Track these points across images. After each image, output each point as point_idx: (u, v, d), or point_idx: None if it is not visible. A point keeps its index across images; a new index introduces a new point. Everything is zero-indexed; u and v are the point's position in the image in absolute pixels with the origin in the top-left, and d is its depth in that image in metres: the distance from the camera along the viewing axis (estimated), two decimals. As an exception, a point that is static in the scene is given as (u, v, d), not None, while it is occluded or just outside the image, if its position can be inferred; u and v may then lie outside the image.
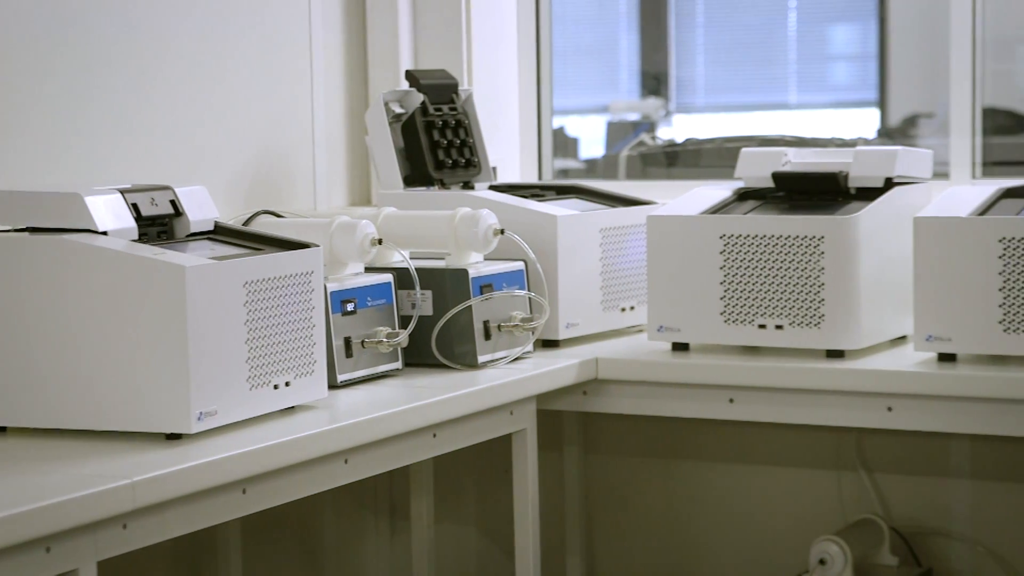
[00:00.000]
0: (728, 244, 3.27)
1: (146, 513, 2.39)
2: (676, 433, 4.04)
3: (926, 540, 3.82)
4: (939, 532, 3.82)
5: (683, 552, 4.09)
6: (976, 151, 4.05)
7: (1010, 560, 3.77)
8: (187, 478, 2.43)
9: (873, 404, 3.16)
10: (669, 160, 5.12)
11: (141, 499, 2.35)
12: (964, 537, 3.81)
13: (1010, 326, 3.06)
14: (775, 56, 6.71)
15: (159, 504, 2.40)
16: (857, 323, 3.20)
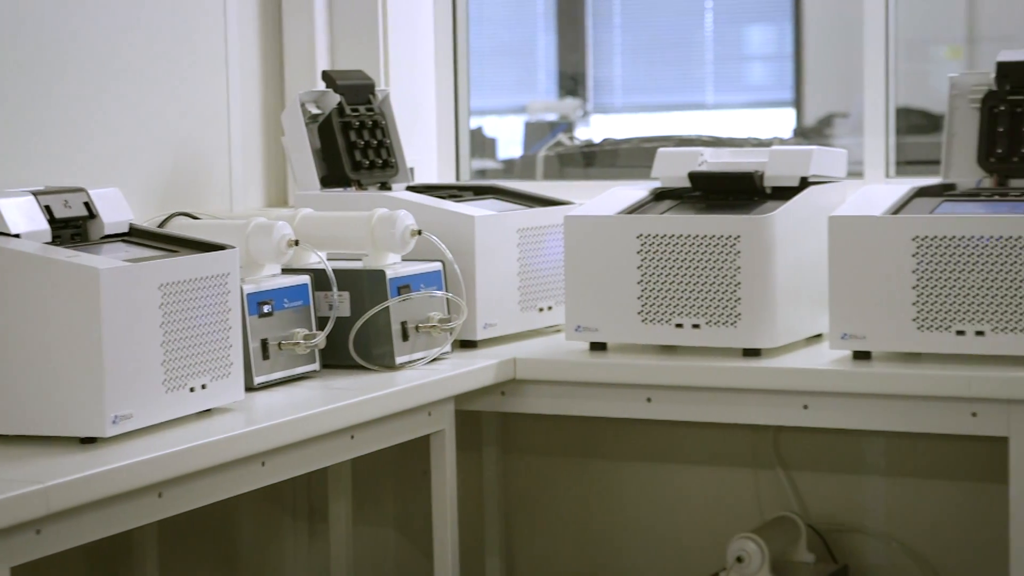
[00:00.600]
0: (645, 244, 3.28)
1: (60, 518, 2.37)
2: (594, 432, 4.05)
3: (842, 537, 3.85)
4: (855, 529, 3.85)
5: (602, 551, 4.10)
6: (890, 150, 4.08)
7: (925, 555, 3.81)
8: (101, 482, 2.41)
9: (789, 402, 3.18)
10: (586, 160, 5.14)
11: (55, 504, 2.32)
12: (879, 533, 3.84)
13: (923, 324, 3.09)
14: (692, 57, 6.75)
15: (73, 509, 2.38)
16: (773, 322, 3.22)
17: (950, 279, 3.06)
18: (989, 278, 3.04)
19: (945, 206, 3.18)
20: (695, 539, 3.97)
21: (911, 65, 5.67)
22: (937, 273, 3.07)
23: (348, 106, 3.64)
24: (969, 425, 3.07)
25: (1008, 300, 3.03)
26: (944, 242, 3.06)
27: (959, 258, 3.06)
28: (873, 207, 3.18)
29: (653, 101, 6.90)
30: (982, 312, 3.05)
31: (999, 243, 3.03)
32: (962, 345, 3.07)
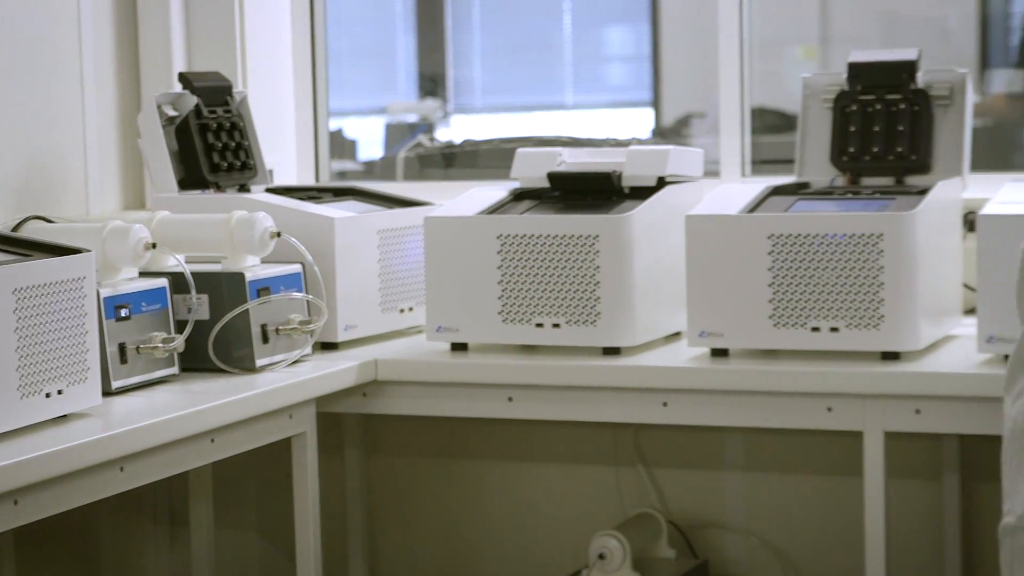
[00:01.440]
0: (505, 244, 3.29)
1: (-87, 527, 2.33)
2: (457, 433, 4.06)
3: (702, 532, 3.89)
4: (715, 524, 3.89)
5: (465, 551, 4.11)
6: (745, 150, 4.13)
7: (783, 549, 3.86)
8: (-44, 490, 2.38)
9: (649, 400, 3.21)
10: (447, 161, 5.14)
11: (-92, 513, 2.29)
12: (739, 528, 3.88)
13: (779, 321, 3.14)
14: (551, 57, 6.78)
15: (-73, 517, 2.34)
16: (632, 320, 3.25)
17: (805, 276, 3.11)
18: (843, 275, 3.09)
19: (799, 204, 3.23)
20: (558, 537, 3.99)
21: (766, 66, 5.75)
22: (792, 271, 3.12)
23: (205, 108, 3.61)
24: (825, 420, 3.11)
25: (861, 297, 3.08)
26: (799, 240, 3.11)
27: (813, 256, 3.10)
28: (729, 206, 3.22)
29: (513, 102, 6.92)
30: (836, 309, 3.10)
31: (852, 240, 3.08)
32: (817, 341, 3.12)
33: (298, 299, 3.29)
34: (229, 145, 3.64)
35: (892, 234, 3.05)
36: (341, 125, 5.48)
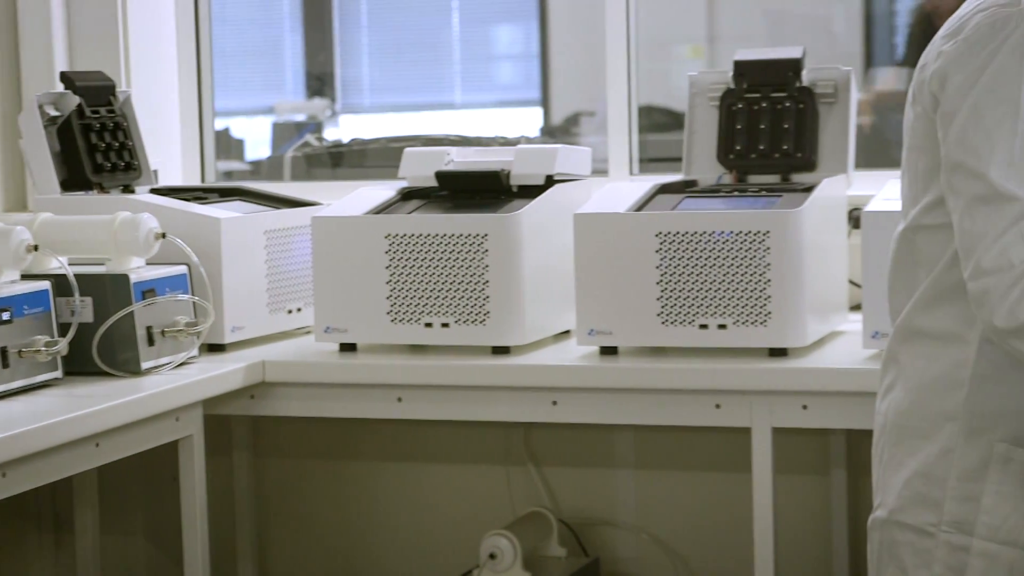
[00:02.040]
0: (393, 244, 3.28)
1: None
2: (346, 434, 4.03)
3: (593, 530, 3.90)
4: (605, 522, 3.90)
5: (356, 553, 4.09)
6: (633, 148, 4.14)
7: (673, 546, 3.87)
8: None
9: (539, 398, 3.21)
10: (334, 161, 5.12)
11: None
12: (629, 526, 3.89)
13: (667, 319, 3.14)
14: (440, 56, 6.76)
15: None
16: (521, 319, 3.24)
17: (692, 274, 3.12)
18: (730, 272, 3.10)
19: (687, 202, 3.24)
20: (449, 537, 3.99)
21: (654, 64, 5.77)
22: (680, 268, 3.13)
23: (88, 108, 3.56)
24: (713, 417, 3.13)
25: (749, 294, 3.09)
26: (686, 238, 3.12)
27: (701, 253, 3.12)
28: (617, 204, 3.22)
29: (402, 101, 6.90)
30: (724, 306, 3.11)
31: (738, 238, 3.09)
32: (705, 339, 3.13)
33: (184, 301, 3.25)
34: (112, 145, 3.59)
35: (778, 231, 3.07)
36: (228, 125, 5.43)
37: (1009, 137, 2.12)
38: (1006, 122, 2.13)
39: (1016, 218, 2.10)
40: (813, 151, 3.36)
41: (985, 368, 2.21)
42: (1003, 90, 2.14)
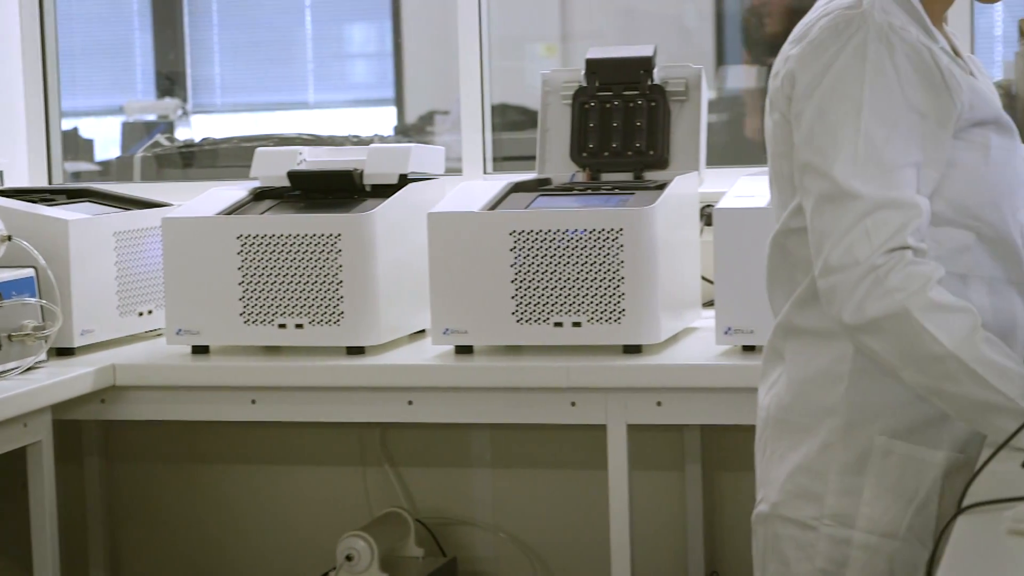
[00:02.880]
0: (245, 245, 3.24)
1: None
2: (200, 437, 3.99)
3: (450, 530, 3.89)
4: (463, 521, 3.89)
5: (212, 557, 4.04)
6: (487, 146, 4.14)
7: (530, 544, 3.88)
8: None
9: (394, 398, 3.20)
10: (185, 161, 5.05)
11: None
12: (487, 525, 3.89)
13: (522, 317, 3.15)
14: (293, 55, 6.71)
15: None
16: (376, 319, 3.23)
17: (547, 272, 3.13)
18: (584, 270, 3.11)
19: (540, 201, 3.25)
20: (305, 539, 3.96)
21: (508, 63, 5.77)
22: (534, 267, 3.13)
23: (-70, 108, 3.49)
24: (569, 414, 3.13)
25: (603, 292, 3.10)
26: (540, 236, 3.12)
27: (554, 251, 3.12)
28: (471, 203, 3.22)
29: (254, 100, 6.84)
30: (578, 304, 3.12)
31: (592, 236, 3.10)
32: (560, 336, 3.14)
33: (31, 304, 3.19)
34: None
35: (631, 229, 3.08)
36: (76, 125, 5.34)
37: (853, 136, 2.15)
38: (849, 121, 2.16)
39: (861, 215, 2.13)
40: (665, 149, 3.38)
41: (863, 362, 2.24)
42: (846, 90, 2.17)
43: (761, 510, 2.34)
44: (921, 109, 2.17)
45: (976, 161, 2.23)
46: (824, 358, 2.27)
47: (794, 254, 2.30)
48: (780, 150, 2.29)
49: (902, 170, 2.15)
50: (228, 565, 4.04)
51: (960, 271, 2.22)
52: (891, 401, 2.24)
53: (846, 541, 2.26)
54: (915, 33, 2.20)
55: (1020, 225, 2.29)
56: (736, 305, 3.03)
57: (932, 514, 2.24)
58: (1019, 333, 2.29)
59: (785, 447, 2.31)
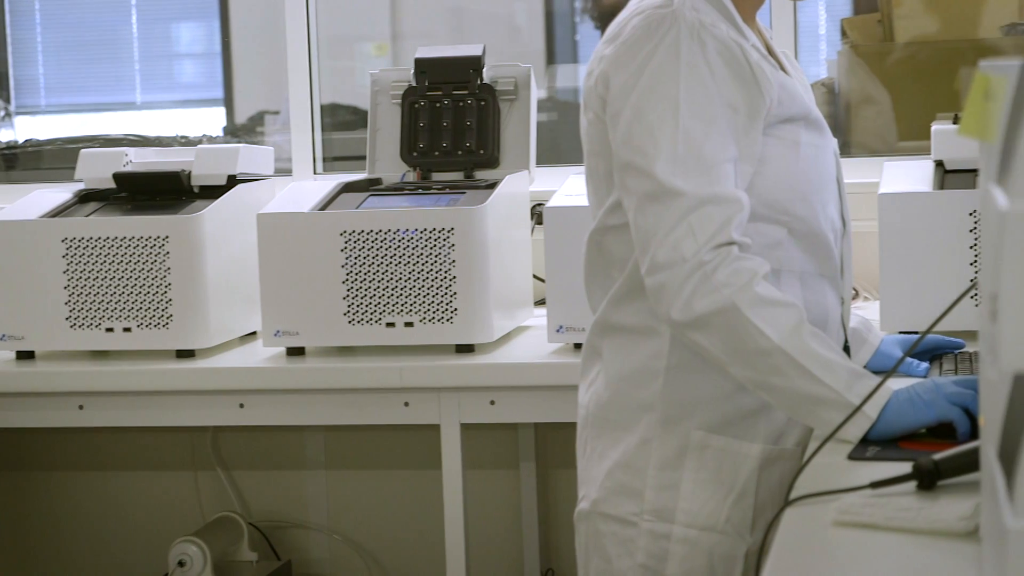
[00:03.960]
0: (70, 248, 3.20)
1: None
2: (27, 444, 3.92)
3: (285, 533, 3.87)
4: (297, 524, 3.87)
5: (41, 566, 3.98)
6: (316, 147, 4.12)
7: (365, 545, 3.87)
8: None
9: (225, 402, 3.17)
10: (8, 163, 4.96)
11: None
12: (321, 527, 3.87)
13: (354, 318, 3.13)
14: (120, 55, 6.61)
15: None
16: (206, 322, 3.20)
17: (378, 272, 3.12)
18: (416, 270, 3.11)
19: (371, 201, 3.24)
20: (138, 546, 3.91)
21: (338, 62, 5.74)
22: (366, 267, 3.12)
23: None
24: (402, 415, 3.13)
25: (435, 291, 3.10)
26: (370, 236, 3.12)
27: (386, 251, 3.12)
28: (300, 203, 3.20)
29: (80, 101, 6.74)
30: (411, 304, 3.12)
31: (423, 235, 3.10)
32: (393, 337, 3.13)
33: None
34: None
35: (462, 228, 3.09)
36: None
37: (672, 134, 2.17)
38: (668, 119, 2.17)
39: (685, 212, 2.15)
40: (495, 148, 3.39)
41: (679, 359, 2.26)
42: (662, 88, 2.19)
43: (582, 508, 2.36)
44: (734, 104, 2.20)
45: (786, 157, 2.26)
46: (640, 355, 2.29)
47: (611, 252, 2.31)
48: (595, 149, 2.31)
49: (722, 165, 2.17)
50: (60, 572, 3.97)
51: (773, 266, 2.25)
52: (707, 396, 2.27)
53: (666, 536, 2.28)
54: (725, 30, 2.23)
55: (830, 220, 2.33)
56: (567, 303, 3.05)
57: (749, 506, 2.28)
58: (831, 325, 2.34)
59: (605, 444, 2.33)
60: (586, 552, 2.37)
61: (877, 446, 2.11)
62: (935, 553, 1.68)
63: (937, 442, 2.08)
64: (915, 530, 1.74)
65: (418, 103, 3.40)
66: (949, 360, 2.57)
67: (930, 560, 1.66)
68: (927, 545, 1.70)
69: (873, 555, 1.69)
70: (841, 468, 2.03)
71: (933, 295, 2.82)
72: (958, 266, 2.87)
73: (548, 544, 3.78)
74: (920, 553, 1.68)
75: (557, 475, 3.75)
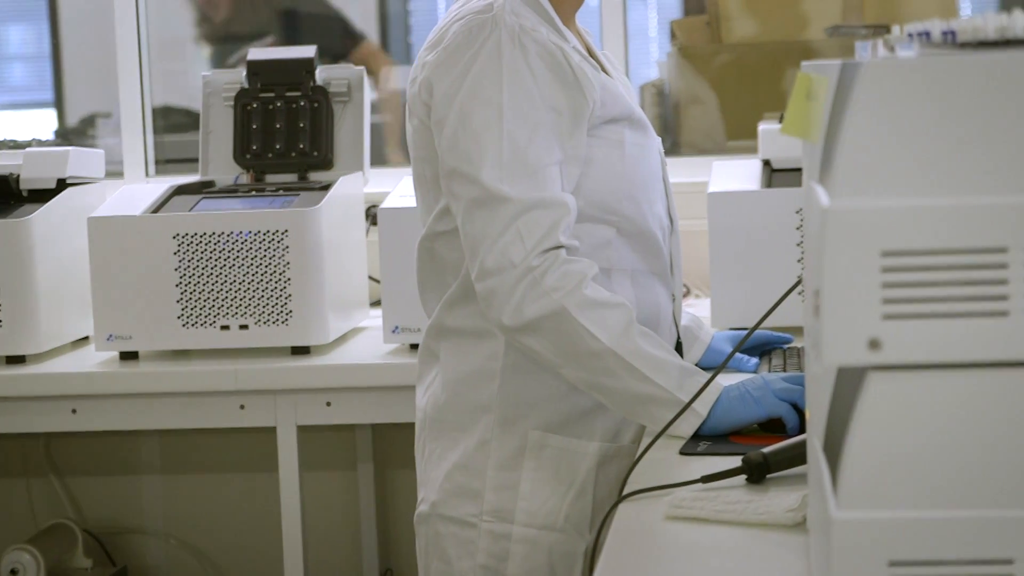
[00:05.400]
0: None
1: None
2: None
3: (121, 539, 3.83)
4: (133, 530, 3.83)
5: None
6: (148, 149, 4.08)
7: (203, 550, 3.84)
8: None
9: (57, 408, 3.13)
10: None
11: None
12: (157, 532, 3.84)
13: (189, 321, 3.11)
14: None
15: None
16: (36, 326, 3.16)
17: (212, 275, 3.10)
18: (250, 273, 3.10)
19: (204, 203, 3.22)
20: (-32, 556, 3.84)
21: (170, 64, 5.69)
22: (199, 270, 3.10)
23: None
24: (238, 418, 3.12)
25: (269, 294, 3.09)
26: (204, 239, 3.10)
27: (220, 254, 3.10)
28: (132, 207, 3.18)
29: (-95, 103, 6.61)
30: (245, 306, 3.10)
31: (257, 237, 3.09)
32: (228, 340, 3.12)
33: None
34: None
35: (296, 230, 3.08)
36: None
37: (497, 139, 2.18)
38: (492, 125, 2.18)
39: (512, 218, 2.16)
40: (329, 150, 3.39)
41: (515, 359, 2.28)
42: (485, 94, 2.20)
43: (422, 510, 2.37)
44: (557, 107, 2.22)
45: (611, 157, 2.29)
46: (476, 357, 2.31)
47: (443, 257, 2.32)
48: (421, 155, 2.32)
49: (547, 169, 2.19)
50: None
51: (603, 265, 2.27)
52: (543, 396, 2.29)
53: (506, 536, 2.29)
54: (546, 33, 2.24)
55: (658, 218, 2.36)
56: (403, 304, 3.06)
57: (588, 504, 2.30)
58: (663, 323, 2.37)
59: (443, 447, 2.34)
60: (426, 555, 2.37)
61: (709, 441, 2.15)
62: (764, 545, 1.71)
63: (767, 436, 2.13)
64: (744, 522, 1.77)
65: (251, 105, 3.39)
66: (778, 355, 2.62)
67: (759, 551, 1.70)
68: (756, 537, 1.74)
69: (703, 548, 1.73)
70: (674, 463, 2.07)
71: (762, 292, 2.87)
72: (786, 263, 2.93)
73: (387, 544, 3.79)
74: (749, 545, 1.72)
75: (395, 475, 3.75)
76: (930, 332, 1.28)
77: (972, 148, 1.28)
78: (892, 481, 1.29)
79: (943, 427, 1.28)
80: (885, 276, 1.28)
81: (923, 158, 1.28)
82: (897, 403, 1.29)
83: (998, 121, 1.27)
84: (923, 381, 1.29)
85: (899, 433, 1.29)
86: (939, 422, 1.29)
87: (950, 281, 1.28)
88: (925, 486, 1.29)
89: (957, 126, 1.28)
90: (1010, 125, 1.27)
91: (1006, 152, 1.27)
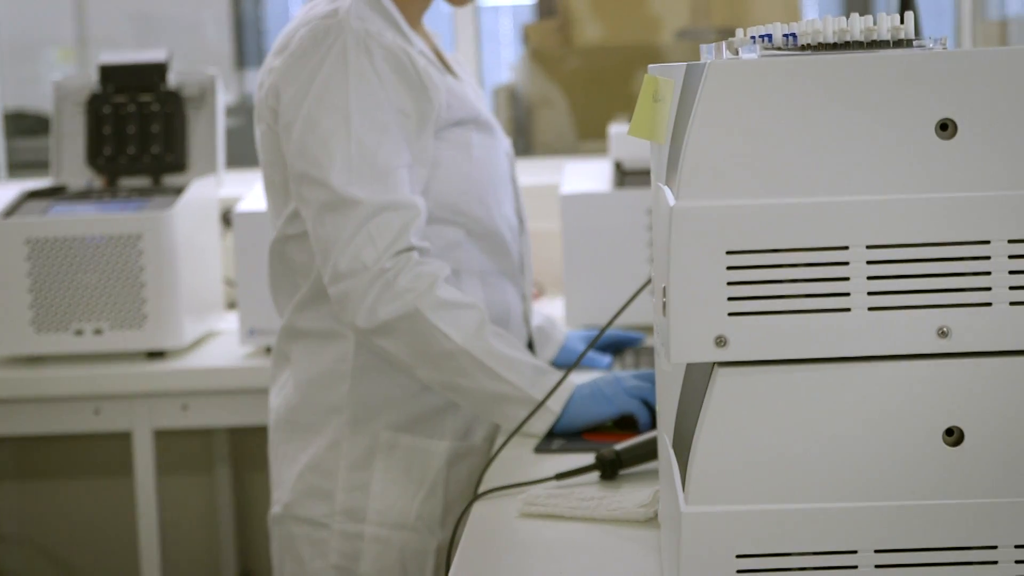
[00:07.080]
0: None
1: None
2: None
3: (-25, 547, 3.78)
4: (-12, 538, 3.79)
5: None
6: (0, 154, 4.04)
7: (60, 555, 3.80)
8: None
9: (-92, 416, 3.09)
10: None
11: None
12: (13, 538, 3.80)
13: (42, 326, 3.09)
14: None
15: None
16: None
17: (65, 280, 3.08)
18: (104, 277, 3.08)
19: (56, 208, 3.19)
20: None
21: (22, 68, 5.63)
22: (52, 275, 3.08)
23: None
24: (93, 423, 3.10)
25: (124, 298, 3.08)
26: (57, 244, 3.07)
27: (73, 259, 3.08)
28: (-17, 212, 3.14)
29: None
30: (100, 311, 3.08)
31: (111, 242, 3.07)
32: (82, 344, 3.10)
33: None
34: None
35: (150, 234, 3.07)
36: None
37: (344, 143, 2.19)
38: (340, 129, 2.20)
39: (363, 221, 2.17)
40: (182, 153, 3.37)
41: (365, 361, 2.29)
42: (332, 98, 2.21)
43: (275, 511, 2.37)
44: (404, 110, 2.23)
45: (459, 159, 2.31)
46: (327, 358, 2.32)
47: (293, 260, 2.33)
48: (269, 159, 2.33)
49: (396, 172, 2.21)
50: None
51: (453, 266, 2.29)
52: (393, 396, 2.30)
53: (358, 535, 2.31)
54: (392, 37, 2.26)
55: (506, 219, 2.39)
56: (258, 307, 3.05)
57: (440, 502, 2.32)
58: (513, 322, 2.39)
59: (295, 448, 2.35)
60: (280, 555, 2.38)
61: (563, 439, 2.17)
62: (616, 540, 1.74)
63: (620, 433, 2.16)
64: (597, 519, 1.80)
65: (103, 109, 3.36)
66: (631, 354, 2.66)
67: (612, 547, 1.72)
68: (609, 532, 1.76)
69: (557, 544, 1.75)
70: (528, 461, 2.09)
71: (615, 291, 2.91)
72: (637, 262, 2.97)
73: (245, 547, 3.78)
74: (602, 540, 1.74)
75: (253, 478, 3.74)
76: (774, 329, 1.30)
77: (813, 147, 1.30)
78: (740, 476, 1.31)
79: (789, 422, 1.31)
80: (730, 274, 1.30)
81: (766, 158, 1.30)
82: (744, 399, 1.31)
83: (837, 121, 1.30)
84: (769, 377, 1.31)
85: (746, 428, 1.31)
86: (785, 417, 1.31)
87: (793, 279, 1.30)
88: (772, 480, 1.31)
89: (798, 126, 1.30)
90: (848, 124, 1.30)
91: (846, 151, 1.30)
